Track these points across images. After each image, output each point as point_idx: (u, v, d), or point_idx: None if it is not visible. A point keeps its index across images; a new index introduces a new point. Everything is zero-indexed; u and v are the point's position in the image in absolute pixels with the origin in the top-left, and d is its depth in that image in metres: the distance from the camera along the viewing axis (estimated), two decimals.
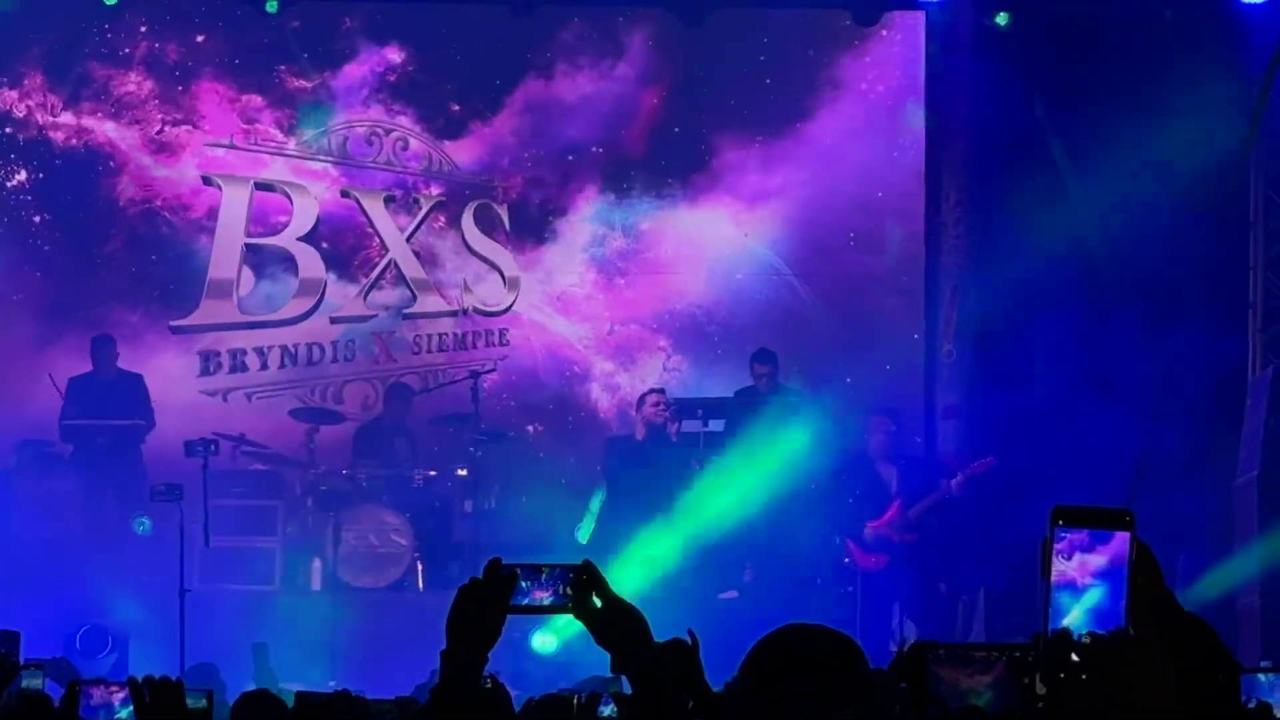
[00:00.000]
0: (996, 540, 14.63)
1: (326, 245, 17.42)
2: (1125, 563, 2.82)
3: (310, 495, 15.49)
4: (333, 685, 12.42)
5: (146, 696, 4.94)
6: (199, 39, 17.34)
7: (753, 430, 15.10)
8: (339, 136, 17.48)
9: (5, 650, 9.11)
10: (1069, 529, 2.83)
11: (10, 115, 17.26)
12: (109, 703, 5.46)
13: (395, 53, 17.41)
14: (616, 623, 3.66)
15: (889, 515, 14.75)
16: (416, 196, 17.54)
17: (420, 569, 15.26)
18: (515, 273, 17.44)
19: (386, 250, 17.45)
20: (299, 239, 17.42)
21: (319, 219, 17.44)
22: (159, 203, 17.35)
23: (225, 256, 17.37)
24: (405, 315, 17.40)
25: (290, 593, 15.15)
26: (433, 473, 15.64)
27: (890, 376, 16.73)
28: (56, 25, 17.21)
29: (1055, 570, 2.82)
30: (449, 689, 3.59)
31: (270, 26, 17.14)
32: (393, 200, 17.51)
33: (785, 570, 14.99)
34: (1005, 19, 16.49)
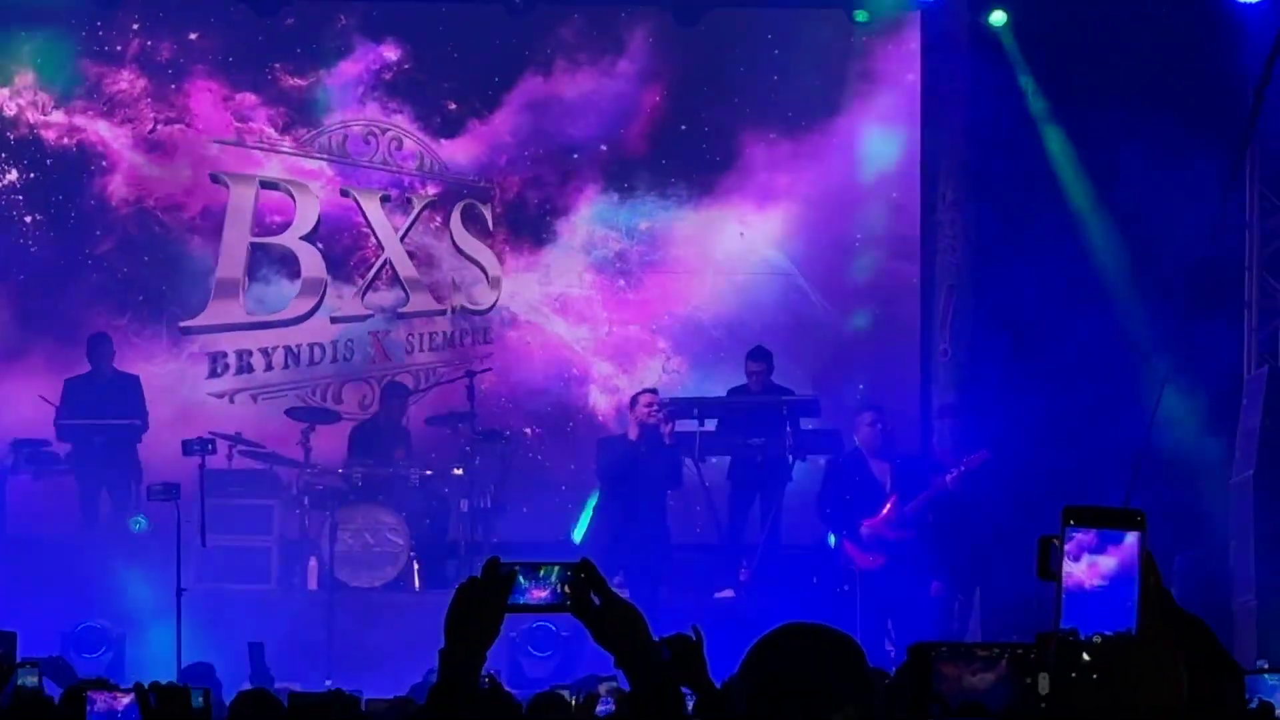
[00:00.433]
0: (992, 537, 14.76)
1: (322, 245, 17.50)
2: (1135, 564, 2.83)
3: (306, 495, 15.55)
4: (329, 684, 12.59)
5: (152, 702, 4.97)
6: (192, 36, 17.34)
7: (745, 428, 15.23)
8: (338, 135, 17.53)
9: (3, 650, 9.31)
10: (1079, 529, 2.84)
11: (1, 114, 17.27)
12: (113, 708, 5.50)
13: (391, 50, 17.43)
14: (614, 621, 3.66)
15: (884, 513, 14.79)
16: (409, 196, 17.59)
17: (416, 568, 15.34)
18: (498, 272, 17.51)
19: (382, 250, 17.55)
20: (301, 238, 17.49)
21: (320, 218, 17.51)
22: (151, 202, 17.35)
23: (232, 256, 17.44)
24: (399, 315, 17.49)
25: (286, 592, 15.23)
26: (429, 472, 15.71)
27: (887, 376, 16.85)
28: (48, 22, 17.18)
29: (1064, 571, 2.83)
30: (447, 688, 3.60)
31: (264, 24, 17.15)
32: (388, 200, 17.59)
33: (781, 569, 15.06)
34: (1001, 19, 16.64)
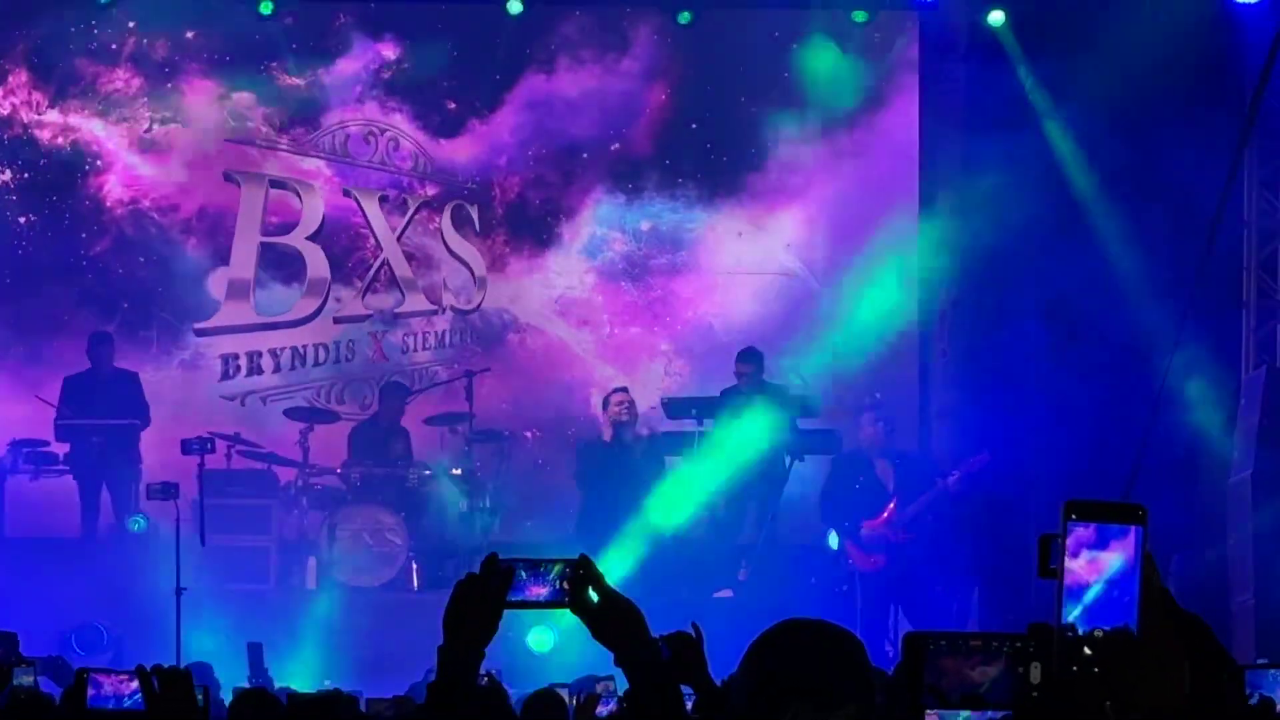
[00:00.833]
0: (993, 537, 14.90)
1: (324, 245, 17.58)
2: (1136, 558, 2.86)
3: (305, 494, 15.72)
4: (327, 684, 12.72)
5: (155, 685, 4.98)
6: (188, 35, 17.33)
7: (736, 427, 15.32)
8: (338, 135, 17.58)
9: (4, 650, 9.48)
10: (1081, 523, 2.87)
11: None
12: (118, 692, 5.52)
13: (390, 48, 17.48)
14: (614, 618, 3.66)
15: (886, 514, 14.88)
16: (405, 196, 17.64)
17: (415, 568, 15.48)
18: (483, 272, 17.59)
19: (381, 250, 17.65)
20: (307, 238, 17.58)
21: (324, 218, 17.60)
22: (147, 203, 17.37)
23: (243, 256, 17.52)
24: (396, 314, 17.59)
25: (285, 592, 15.37)
26: (427, 472, 15.84)
27: (886, 375, 16.90)
28: (42, 20, 17.17)
29: (1065, 565, 2.86)
30: (446, 685, 3.61)
31: (261, 22, 17.17)
32: (386, 200, 17.66)
33: (780, 569, 15.15)
34: (1000, 18, 16.73)
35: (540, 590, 3.64)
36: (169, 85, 17.44)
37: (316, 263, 17.57)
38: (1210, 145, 15.17)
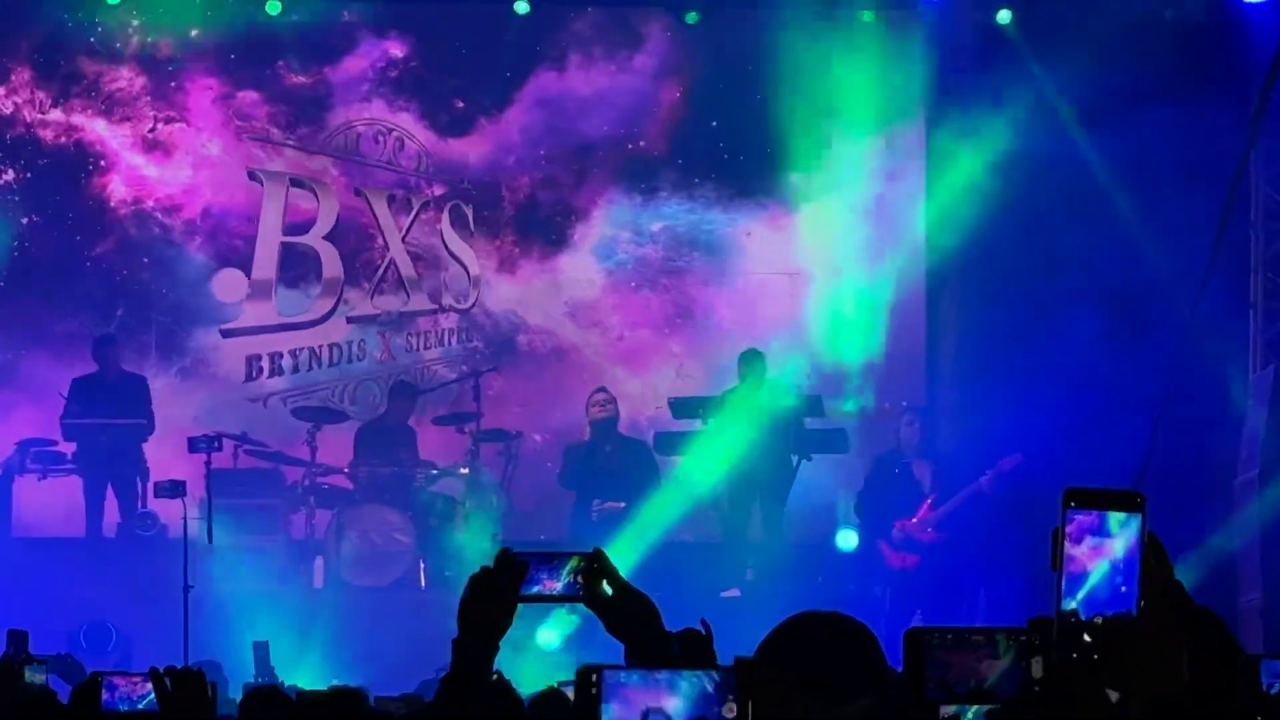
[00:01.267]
0: (1028, 538, 14.98)
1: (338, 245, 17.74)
2: (1137, 545, 2.88)
3: (313, 494, 15.85)
4: (334, 684, 12.89)
5: (168, 686, 5.05)
6: (192, 33, 17.36)
7: (740, 427, 15.48)
8: (346, 134, 17.65)
9: (15, 648, 9.64)
10: (1080, 511, 2.90)
11: None
12: (132, 694, 5.61)
13: (397, 46, 17.55)
14: (628, 611, 3.71)
15: (920, 514, 15.05)
16: (409, 196, 17.74)
17: (423, 568, 15.60)
18: (478, 272, 17.69)
19: (388, 249, 17.77)
20: (324, 237, 17.70)
21: (338, 218, 17.72)
22: (151, 204, 17.44)
23: (265, 256, 17.62)
24: (402, 314, 17.71)
25: (292, 591, 15.45)
26: (435, 472, 16.02)
27: (898, 376, 17.10)
28: (45, 19, 17.22)
29: (1066, 553, 2.90)
30: (460, 678, 3.64)
31: (267, 21, 17.19)
32: (393, 200, 17.76)
33: (787, 568, 15.26)
34: (1007, 17, 16.87)
35: (554, 584, 3.68)
36: (173, 84, 17.50)
37: (331, 263, 17.70)
38: (1216, 145, 15.26)
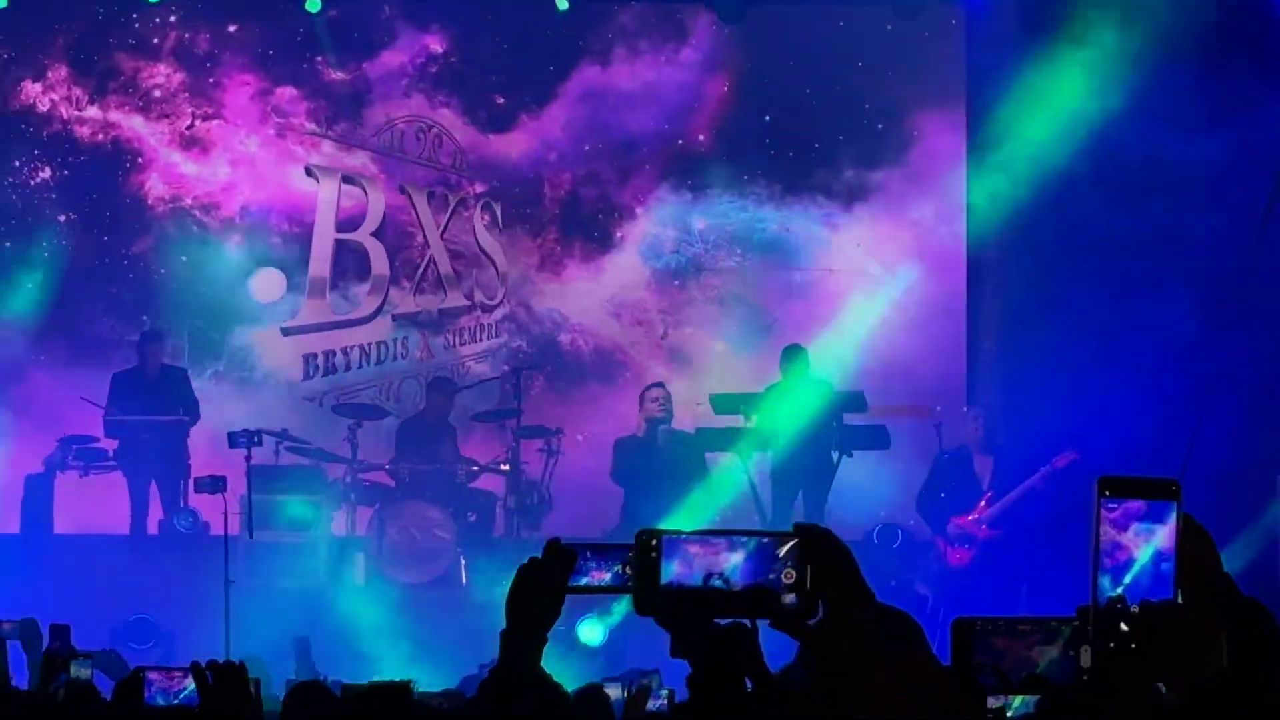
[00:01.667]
0: (1070, 536, 15.02)
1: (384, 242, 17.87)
2: (1174, 533, 2.95)
3: (353, 490, 15.97)
4: (375, 679, 12.97)
5: (210, 679, 5.14)
6: (231, 29, 17.48)
7: (781, 423, 15.59)
8: (396, 131, 17.73)
9: (59, 642, 9.76)
10: (1116, 499, 2.95)
11: (34, 109, 17.42)
12: (174, 688, 5.87)
13: (437, 41, 17.61)
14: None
15: (976, 511, 15.18)
16: (446, 193, 17.83)
17: (463, 564, 15.70)
18: (505, 268, 17.81)
19: (428, 246, 17.87)
20: (372, 234, 17.82)
21: (385, 215, 17.82)
22: (189, 201, 17.54)
23: (321, 253, 17.73)
24: (442, 311, 17.82)
25: (333, 587, 15.56)
26: (475, 468, 16.15)
27: (933, 373, 17.16)
28: (82, 15, 17.36)
29: (1104, 541, 2.94)
30: (507, 670, 3.63)
31: (305, 16, 17.28)
32: (433, 196, 17.86)
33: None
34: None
35: (603, 575, 3.63)
36: (211, 80, 17.59)
37: (379, 260, 17.82)
38: (1262, 140, 15.26)
